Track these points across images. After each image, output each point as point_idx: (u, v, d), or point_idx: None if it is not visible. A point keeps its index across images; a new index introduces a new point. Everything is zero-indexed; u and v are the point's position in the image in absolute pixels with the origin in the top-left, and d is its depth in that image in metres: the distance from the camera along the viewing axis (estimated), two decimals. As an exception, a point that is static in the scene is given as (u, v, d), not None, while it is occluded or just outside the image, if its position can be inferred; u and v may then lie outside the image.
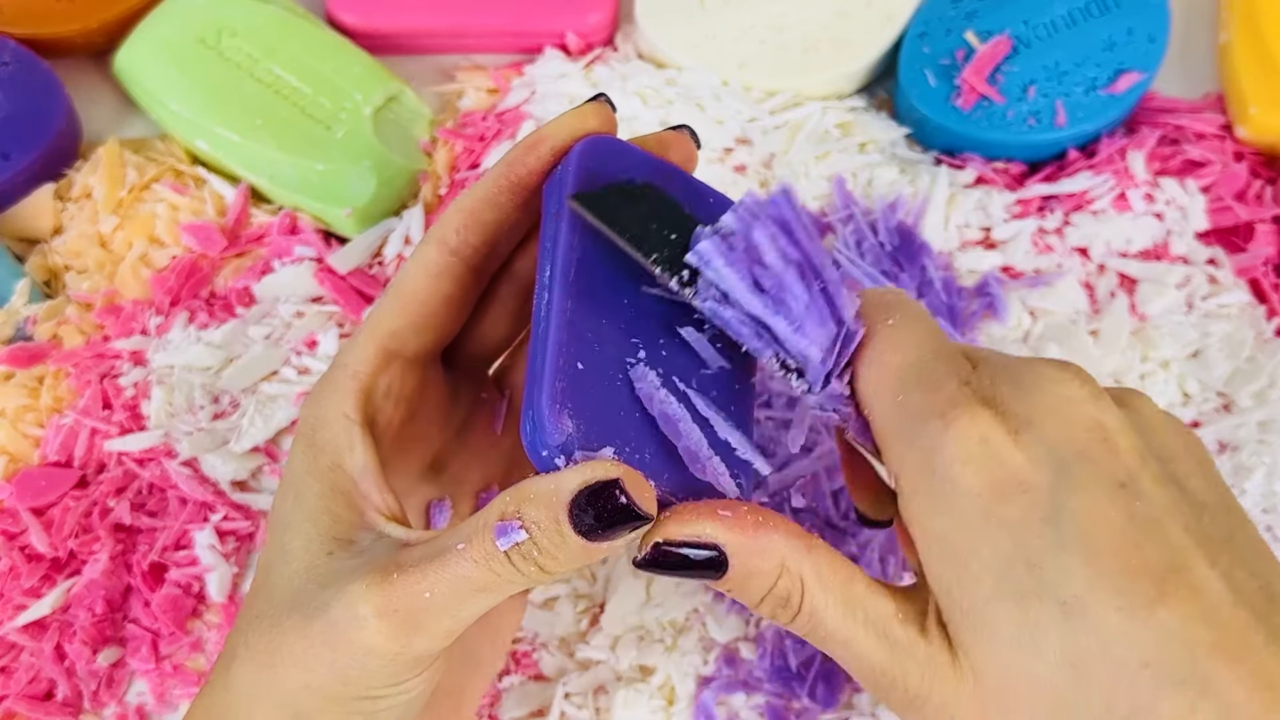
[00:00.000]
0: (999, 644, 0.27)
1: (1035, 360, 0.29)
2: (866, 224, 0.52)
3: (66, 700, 0.46)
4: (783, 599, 0.29)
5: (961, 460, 0.27)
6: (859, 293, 0.32)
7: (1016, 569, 0.27)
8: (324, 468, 0.31)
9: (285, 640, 0.30)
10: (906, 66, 0.54)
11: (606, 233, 0.30)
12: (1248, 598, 0.26)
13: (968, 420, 0.28)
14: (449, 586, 0.28)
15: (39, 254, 0.54)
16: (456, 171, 0.55)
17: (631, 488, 0.27)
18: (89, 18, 0.56)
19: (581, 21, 0.57)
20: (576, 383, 0.29)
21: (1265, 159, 0.54)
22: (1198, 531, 0.27)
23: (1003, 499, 0.27)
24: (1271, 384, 0.49)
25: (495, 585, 0.28)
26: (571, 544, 0.27)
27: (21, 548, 0.47)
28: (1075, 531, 0.26)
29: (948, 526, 0.28)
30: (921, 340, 0.30)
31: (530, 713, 0.46)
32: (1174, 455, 0.28)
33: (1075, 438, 0.27)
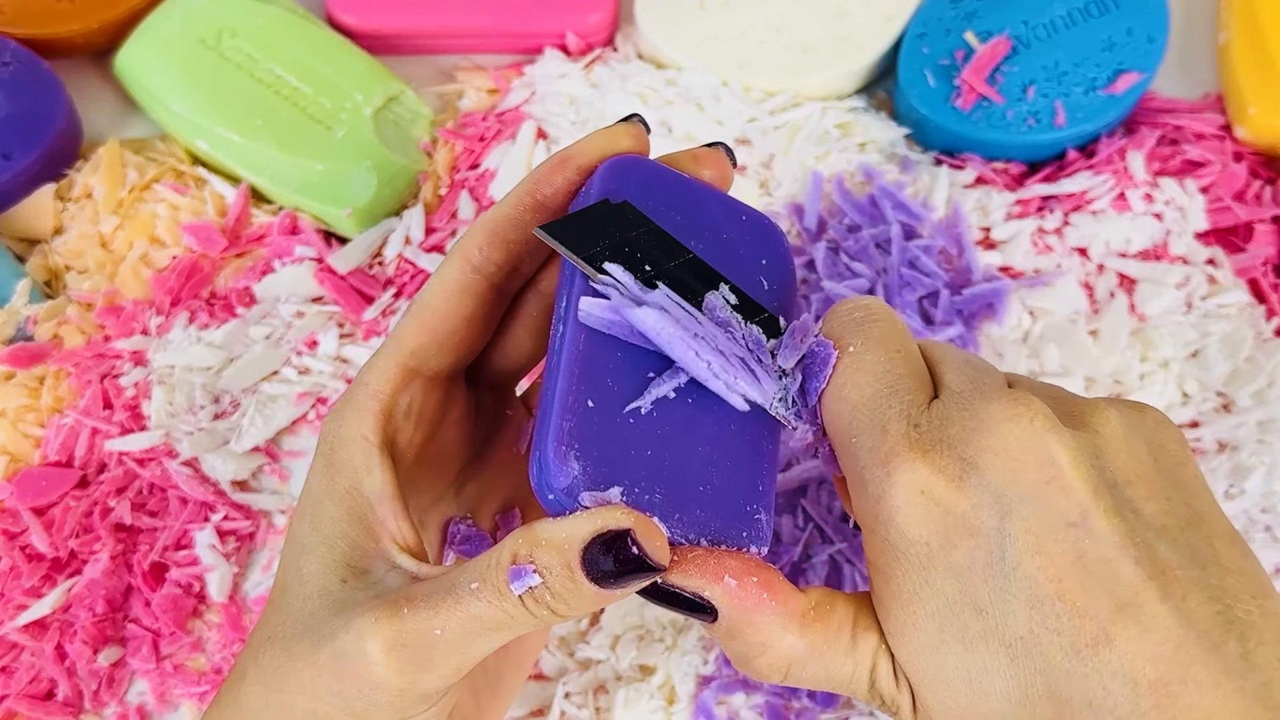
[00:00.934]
0: (947, 686, 0.28)
1: (990, 394, 0.29)
2: (862, 221, 0.52)
3: (67, 700, 0.46)
4: (764, 672, 0.30)
5: (904, 511, 0.27)
6: (832, 309, 0.31)
7: (963, 614, 0.27)
8: (341, 490, 0.31)
9: (294, 666, 0.29)
10: (906, 67, 0.55)
11: (567, 257, 0.29)
12: (1201, 629, 0.26)
13: (908, 471, 0.27)
14: (460, 625, 0.28)
15: (40, 254, 0.54)
16: (457, 171, 0.55)
17: (644, 538, 0.27)
18: (90, 18, 0.56)
19: (581, 22, 0.57)
20: (585, 421, 0.28)
21: (1264, 159, 0.54)
22: (1150, 564, 0.26)
23: (948, 545, 0.27)
24: (1271, 384, 0.49)
25: (506, 625, 0.28)
26: (584, 591, 0.27)
27: (22, 547, 0.47)
28: (1020, 575, 0.26)
29: (896, 574, 0.28)
30: (878, 373, 0.29)
31: (530, 712, 0.46)
32: (1132, 478, 0.28)
33: (1022, 479, 0.27)
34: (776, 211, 0.53)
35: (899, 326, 0.31)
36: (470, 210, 0.54)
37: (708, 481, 0.30)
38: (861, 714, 0.45)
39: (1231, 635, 0.26)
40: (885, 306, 0.31)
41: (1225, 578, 0.27)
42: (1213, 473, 0.48)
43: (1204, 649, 0.25)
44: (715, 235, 0.32)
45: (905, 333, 0.31)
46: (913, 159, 0.55)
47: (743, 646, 0.29)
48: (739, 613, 0.29)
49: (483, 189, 0.54)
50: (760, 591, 0.29)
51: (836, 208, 0.53)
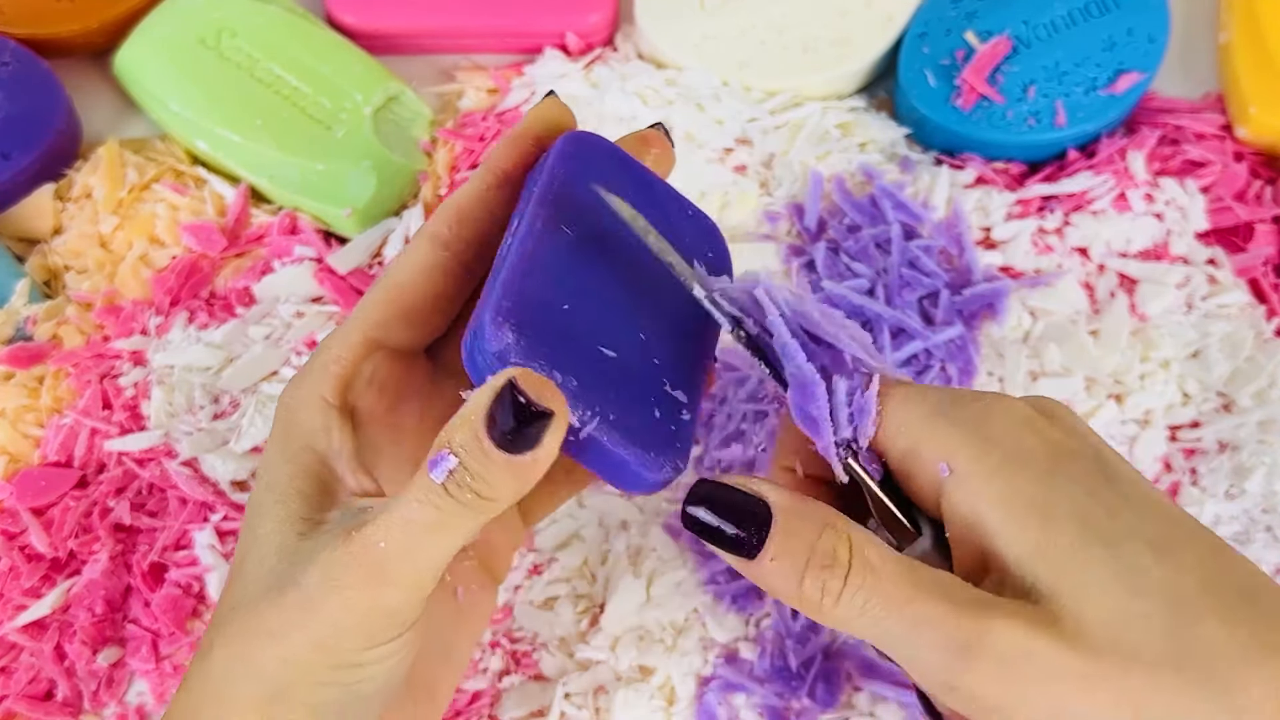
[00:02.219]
0: (1100, 590, 0.27)
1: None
2: (863, 221, 0.52)
3: (66, 700, 0.46)
4: (829, 556, 0.28)
5: (1018, 425, 0.29)
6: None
7: (1097, 515, 0.28)
8: (295, 450, 0.32)
9: (261, 620, 0.30)
10: (906, 66, 0.55)
11: (638, 224, 0.31)
12: None
13: (1009, 399, 0.30)
14: (400, 531, 0.28)
15: (39, 254, 0.54)
16: (456, 171, 0.55)
17: (526, 383, 0.27)
18: (89, 18, 0.56)
19: (581, 21, 0.57)
20: (526, 303, 0.29)
21: (1265, 159, 0.54)
22: None
23: (1061, 460, 0.29)
24: (1271, 384, 0.49)
25: (442, 522, 0.28)
26: (496, 460, 0.28)
27: (21, 548, 0.47)
28: (1134, 492, 0.28)
29: (1019, 486, 0.28)
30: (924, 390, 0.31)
31: (530, 713, 0.46)
32: None
33: (1091, 434, 0.30)
34: (777, 211, 0.53)
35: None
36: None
37: (632, 392, 0.31)
38: (861, 714, 0.45)
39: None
40: None
41: None
42: (1213, 473, 0.48)
43: None
44: (665, 221, 0.33)
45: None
46: (913, 159, 0.55)
47: (799, 541, 0.28)
48: (793, 505, 0.29)
49: (482, 189, 0.54)
50: (803, 491, 0.30)
51: (836, 208, 0.53)
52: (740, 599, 0.46)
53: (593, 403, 0.29)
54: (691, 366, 0.33)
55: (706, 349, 0.34)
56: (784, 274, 0.52)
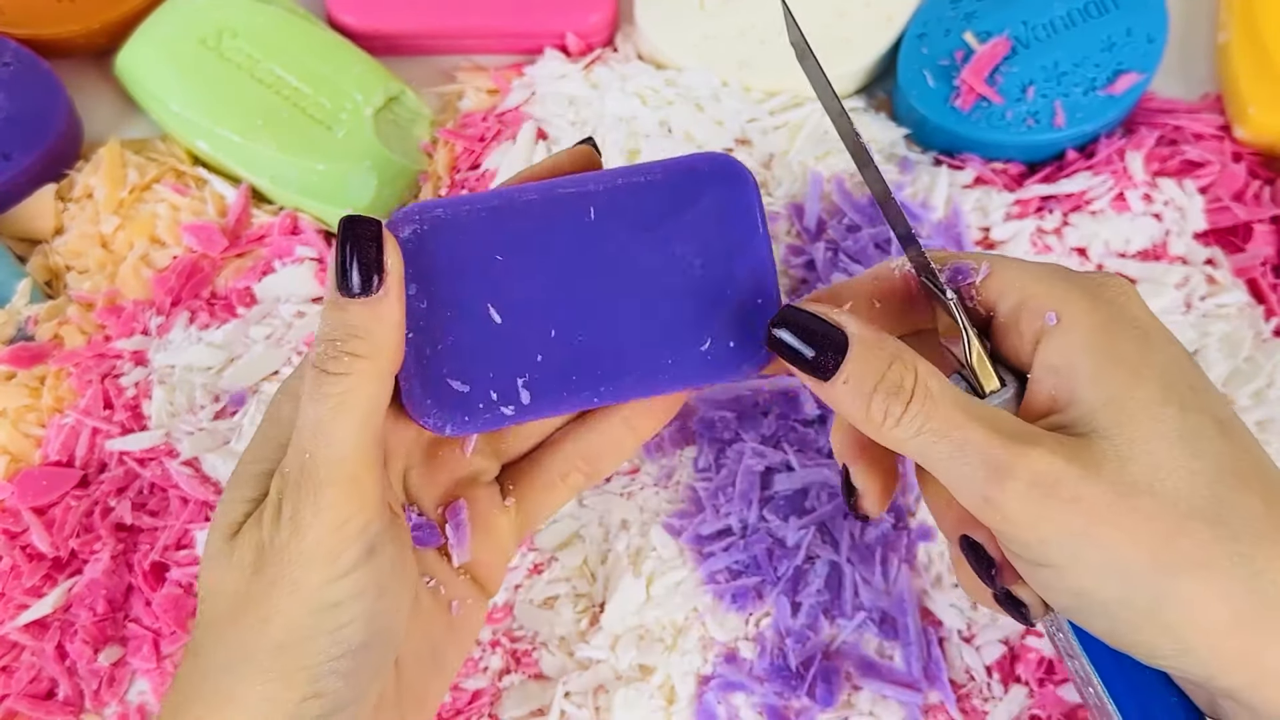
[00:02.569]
0: (1161, 440, 0.29)
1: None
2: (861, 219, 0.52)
3: (68, 699, 0.46)
4: (896, 384, 0.30)
5: (1127, 296, 0.31)
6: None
7: (1180, 384, 0.30)
8: (275, 439, 0.32)
9: (239, 603, 0.30)
10: (905, 67, 0.55)
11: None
12: None
13: (1123, 281, 0.32)
14: (310, 432, 0.30)
15: (40, 254, 0.54)
16: (457, 171, 0.55)
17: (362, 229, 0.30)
18: (90, 18, 0.56)
19: (581, 22, 0.57)
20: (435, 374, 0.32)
21: (1263, 159, 0.54)
22: None
23: (1160, 335, 0.31)
24: (1270, 384, 0.49)
25: (342, 402, 0.30)
26: (348, 307, 0.30)
27: (23, 547, 0.47)
28: (1213, 388, 0.30)
29: (1119, 343, 0.30)
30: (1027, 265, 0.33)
31: (530, 712, 0.46)
32: None
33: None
34: (777, 211, 0.53)
35: None
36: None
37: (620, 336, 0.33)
38: (861, 714, 0.45)
39: None
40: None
41: None
42: (1212, 472, 0.48)
43: None
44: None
45: None
46: (912, 159, 0.55)
47: (879, 365, 0.30)
48: (866, 329, 0.30)
49: (483, 189, 0.54)
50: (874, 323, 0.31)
51: (836, 208, 0.53)
52: (740, 598, 0.46)
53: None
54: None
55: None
56: (784, 273, 0.52)
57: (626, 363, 0.33)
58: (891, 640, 0.46)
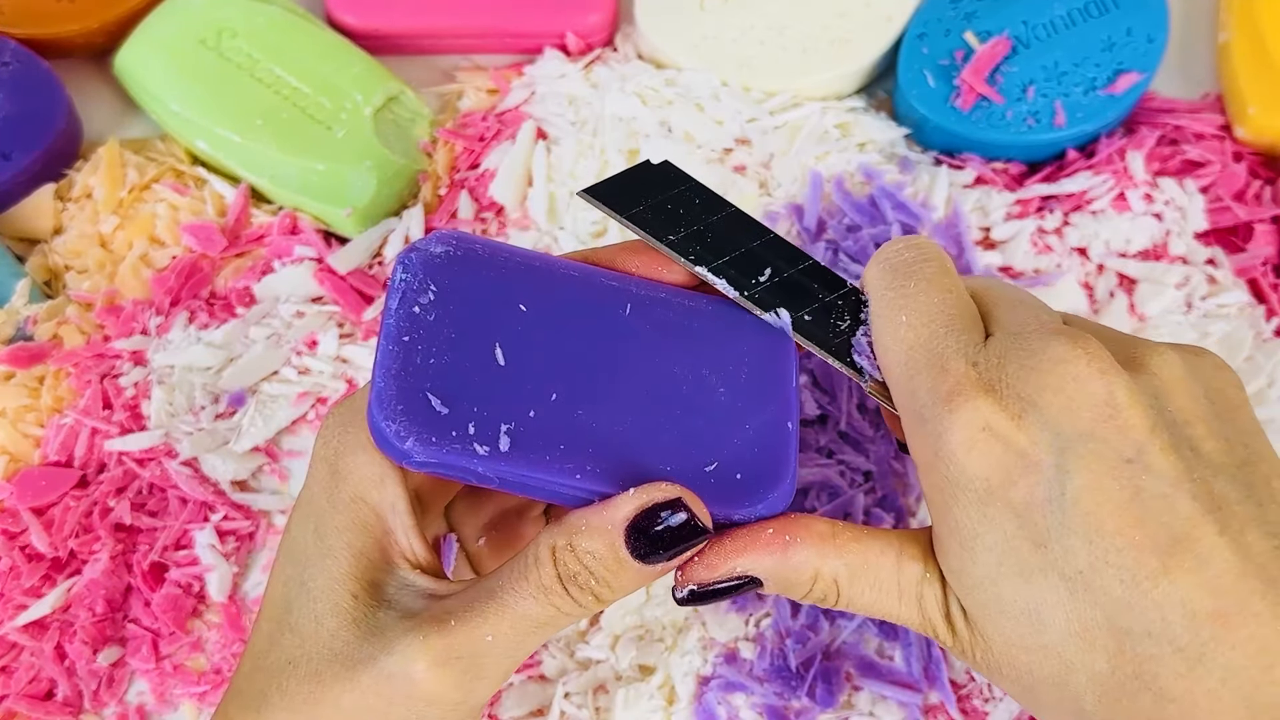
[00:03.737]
0: (1006, 617, 0.28)
1: (1047, 333, 0.29)
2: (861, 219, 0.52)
3: (67, 700, 0.46)
4: (821, 598, 0.31)
5: (965, 448, 0.28)
6: (880, 250, 0.32)
7: (1022, 548, 0.28)
8: (346, 499, 0.31)
9: (328, 692, 0.29)
10: (906, 67, 0.55)
11: (620, 221, 0.30)
12: (1258, 562, 0.26)
13: (970, 408, 0.28)
14: (510, 627, 0.28)
15: (39, 254, 0.54)
16: (456, 171, 0.55)
17: (691, 504, 0.28)
18: (89, 18, 0.56)
19: (581, 22, 0.57)
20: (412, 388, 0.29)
21: (1264, 159, 0.54)
22: (1208, 499, 0.27)
23: (1008, 482, 0.28)
24: (1270, 384, 0.49)
25: (554, 620, 0.29)
26: (629, 570, 0.28)
27: (22, 547, 0.47)
28: (1079, 510, 0.27)
29: (954, 509, 0.29)
30: (933, 313, 0.30)
31: (530, 712, 0.46)
32: (1190, 418, 0.28)
33: (1080, 416, 0.28)
34: (776, 211, 0.53)
35: (949, 266, 0.31)
36: (470, 210, 0.54)
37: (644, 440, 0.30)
38: (861, 714, 0.45)
39: None
40: (935, 245, 0.32)
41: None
42: (1212, 473, 0.48)
43: (1262, 581, 0.26)
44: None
45: (955, 272, 0.31)
46: (912, 159, 0.55)
47: (795, 588, 0.30)
48: (777, 568, 0.30)
49: (483, 189, 0.54)
50: (780, 538, 0.30)
51: (836, 208, 0.53)
52: (740, 598, 0.46)
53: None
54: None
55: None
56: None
57: (622, 454, 0.30)
58: (891, 640, 0.46)
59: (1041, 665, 0.28)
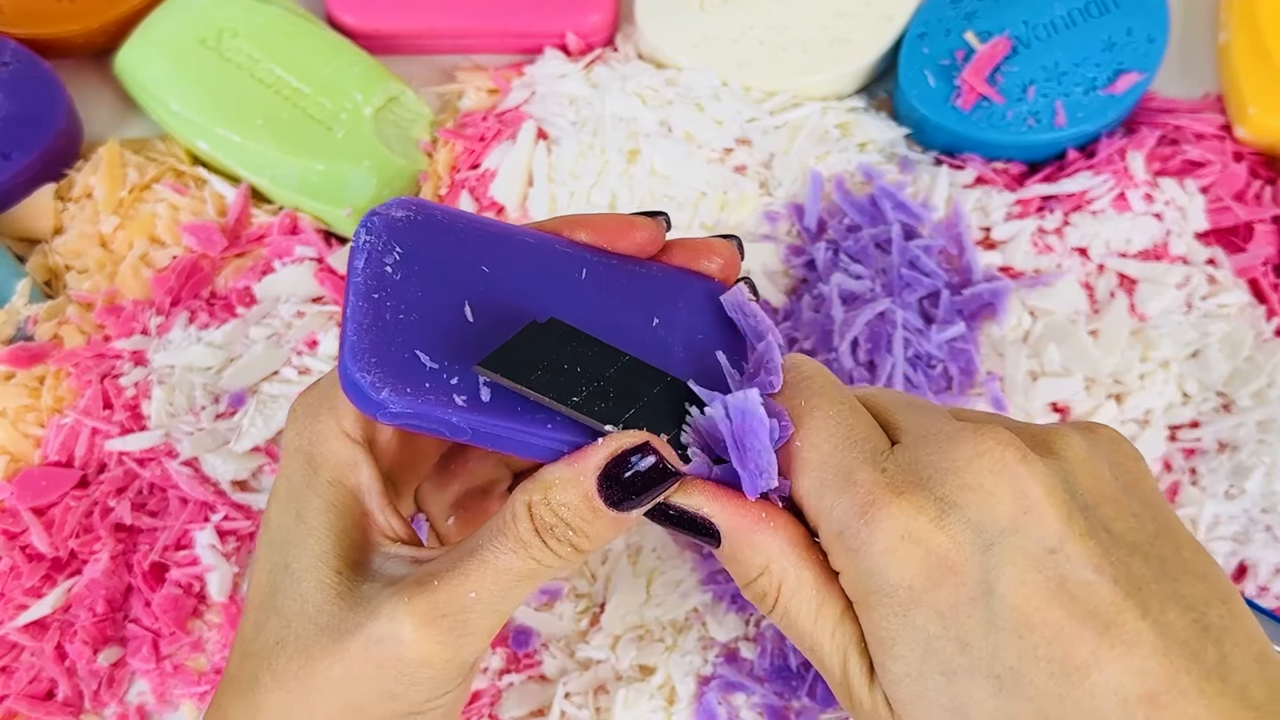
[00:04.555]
0: (929, 714, 0.28)
1: (954, 428, 0.29)
2: (862, 220, 0.52)
3: (67, 700, 0.46)
4: (759, 594, 0.30)
5: (886, 556, 0.28)
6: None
7: (946, 649, 0.27)
8: (324, 484, 0.31)
9: (318, 665, 0.29)
10: (906, 67, 0.55)
11: (521, 391, 0.30)
12: (1180, 640, 0.26)
13: (886, 516, 0.28)
14: (492, 581, 0.29)
15: (40, 254, 0.54)
16: (457, 171, 0.55)
17: (660, 449, 0.29)
18: (90, 18, 0.56)
19: (581, 22, 0.57)
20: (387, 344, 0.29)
21: (1264, 159, 0.54)
22: (1127, 581, 0.27)
23: (931, 585, 0.28)
24: (1271, 384, 0.49)
25: (536, 572, 0.29)
26: (604, 518, 0.29)
27: (22, 547, 0.47)
28: (1006, 607, 0.27)
29: (875, 614, 0.29)
30: (832, 428, 0.30)
31: (530, 712, 0.46)
32: (1099, 499, 0.28)
33: (999, 511, 0.27)
34: (777, 211, 0.53)
35: (833, 379, 0.31)
36: (471, 210, 0.54)
37: None
38: (861, 714, 0.45)
39: (1209, 641, 0.26)
40: (814, 362, 0.32)
41: (1195, 585, 0.27)
42: (1213, 472, 0.48)
43: (1185, 658, 0.26)
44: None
45: (841, 384, 0.31)
46: (913, 159, 0.55)
47: (743, 567, 0.30)
48: (739, 533, 0.30)
49: (483, 189, 0.54)
50: (759, 512, 0.30)
51: (836, 208, 0.53)
52: (740, 598, 0.46)
53: None
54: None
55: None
56: (784, 273, 0.52)
57: None
58: (892, 640, 0.46)
59: None
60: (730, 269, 0.34)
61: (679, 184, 0.53)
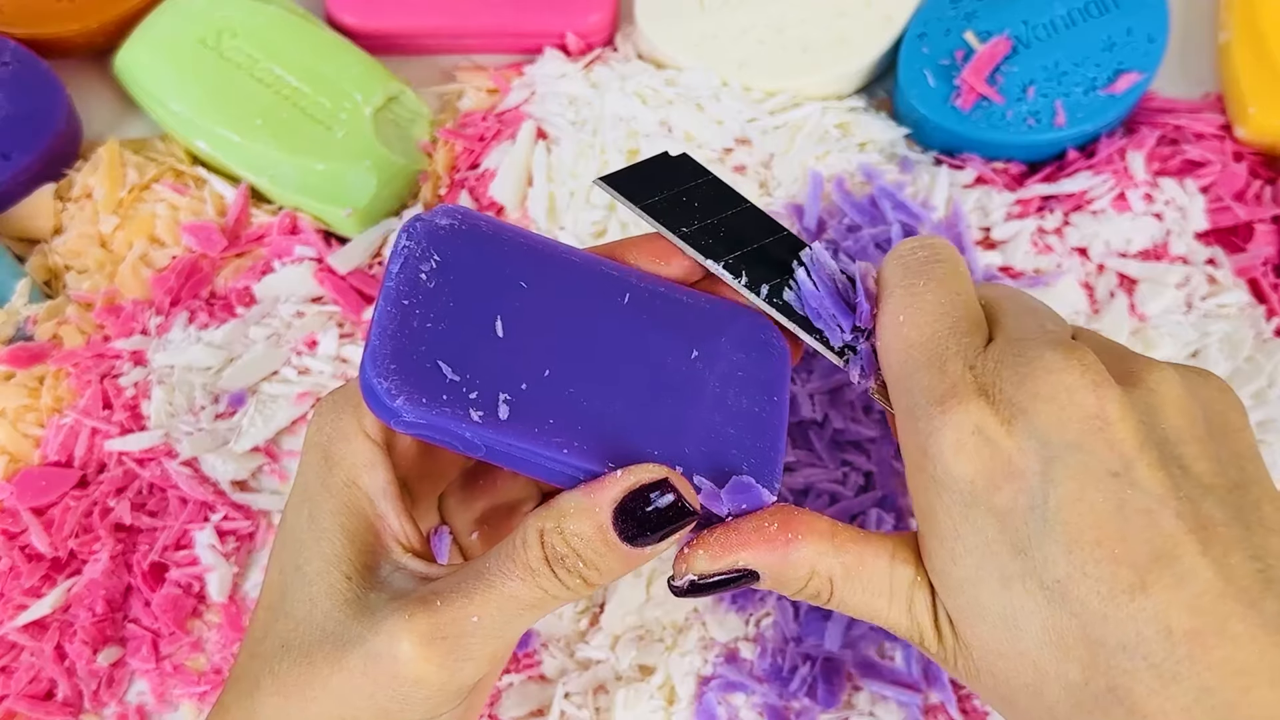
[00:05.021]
0: (984, 622, 0.28)
1: (1045, 343, 0.29)
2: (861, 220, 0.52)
3: (67, 700, 0.46)
4: (814, 595, 0.31)
5: (953, 449, 0.28)
6: (895, 248, 0.32)
7: (1001, 553, 0.28)
8: (339, 484, 0.31)
9: (318, 673, 0.29)
10: (906, 67, 0.55)
11: (635, 211, 0.30)
12: (1240, 584, 0.26)
13: (962, 410, 0.28)
14: (497, 608, 0.29)
15: (39, 254, 0.54)
16: (456, 171, 0.55)
17: (679, 486, 0.28)
18: (89, 18, 0.56)
19: (581, 22, 0.57)
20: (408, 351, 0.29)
21: (1264, 159, 0.54)
22: (1193, 518, 0.27)
23: (992, 487, 0.28)
24: (1271, 384, 0.49)
25: (542, 602, 0.29)
26: (618, 553, 0.28)
27: (22, 547, 0.47)
28: (1060, 520, 0.27)
29: (939, 509, 0.29)
30: (939, 313, 0.30)
31: (530, 712, 0.46)
32: (1184, 437, 0.28)
33: (1069, 427, 0.28)
34: (777, 211, 0.53)
35: (961, 269, 0.31)
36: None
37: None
38: (861, 714, 0.45)
39: (1270, 593, 0.26)
40: (949, 246, 0.32)
41: (1270, 539, 0.27)
42: (1213, 473, 0.48)
43: (1242, 604, 0.26)
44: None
45: (967, 275, 0.31)
46: (912, 159, 0.55)
47: (790, 585, 0.30)
48: (775, 563, 0.30)
49: (483, 189, 0.54)
50: (784, 534, 0.30)
51: (836, 208, 0.53)
52: (740, 598, 0.46)
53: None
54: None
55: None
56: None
57: (610, 434, 0.30)
58: (892, 640, 0.46)
59: (1018, 672, 0.28)
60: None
61: (679, 184, 0.53)
